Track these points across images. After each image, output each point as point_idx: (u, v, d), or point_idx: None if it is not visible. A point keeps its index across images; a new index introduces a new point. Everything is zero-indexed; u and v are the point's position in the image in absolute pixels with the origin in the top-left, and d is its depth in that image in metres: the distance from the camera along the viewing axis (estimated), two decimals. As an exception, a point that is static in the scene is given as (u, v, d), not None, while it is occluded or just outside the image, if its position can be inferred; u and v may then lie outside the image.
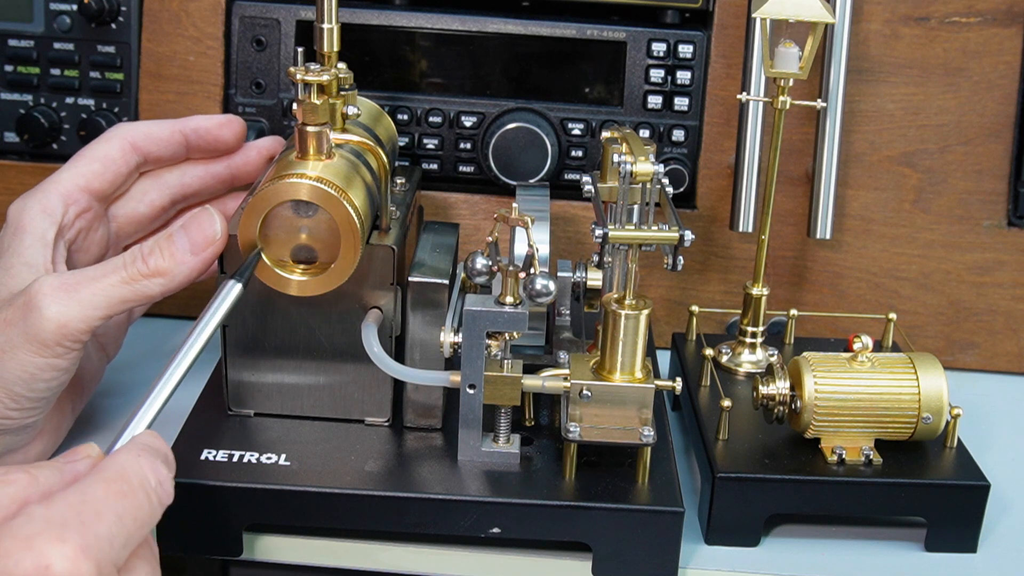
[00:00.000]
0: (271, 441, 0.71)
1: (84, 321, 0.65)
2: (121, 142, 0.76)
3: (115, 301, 0.66)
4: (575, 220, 0.92)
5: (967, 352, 0.93)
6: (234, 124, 0.80)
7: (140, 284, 0.66)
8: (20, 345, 0.64)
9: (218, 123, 0.79)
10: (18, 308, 0.65)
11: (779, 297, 0.92)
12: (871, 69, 0.88)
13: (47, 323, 0.64)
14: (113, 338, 0.79)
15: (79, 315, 0.65)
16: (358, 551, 0.69)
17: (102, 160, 0.75)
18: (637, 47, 0.89)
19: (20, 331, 0.64)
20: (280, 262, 0.68)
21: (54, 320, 0.64)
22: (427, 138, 0.91)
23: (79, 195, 0.73)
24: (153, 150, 0.77)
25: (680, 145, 0.91)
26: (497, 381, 0.68)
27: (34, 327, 0.64)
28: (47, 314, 0.64)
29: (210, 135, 0.79)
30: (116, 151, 0.75)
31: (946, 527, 0.71)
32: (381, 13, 0.90)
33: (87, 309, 0.65)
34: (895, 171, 0.90)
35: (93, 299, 0.65)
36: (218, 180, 0.81)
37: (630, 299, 0.68)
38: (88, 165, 0.74)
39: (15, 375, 0.65)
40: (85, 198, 0.73)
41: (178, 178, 0.80)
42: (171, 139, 0.78)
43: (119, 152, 0.75)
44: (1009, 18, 0.88)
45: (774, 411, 0.72)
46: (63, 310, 0.64)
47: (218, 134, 0.79)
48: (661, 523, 0.66)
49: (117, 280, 0.66)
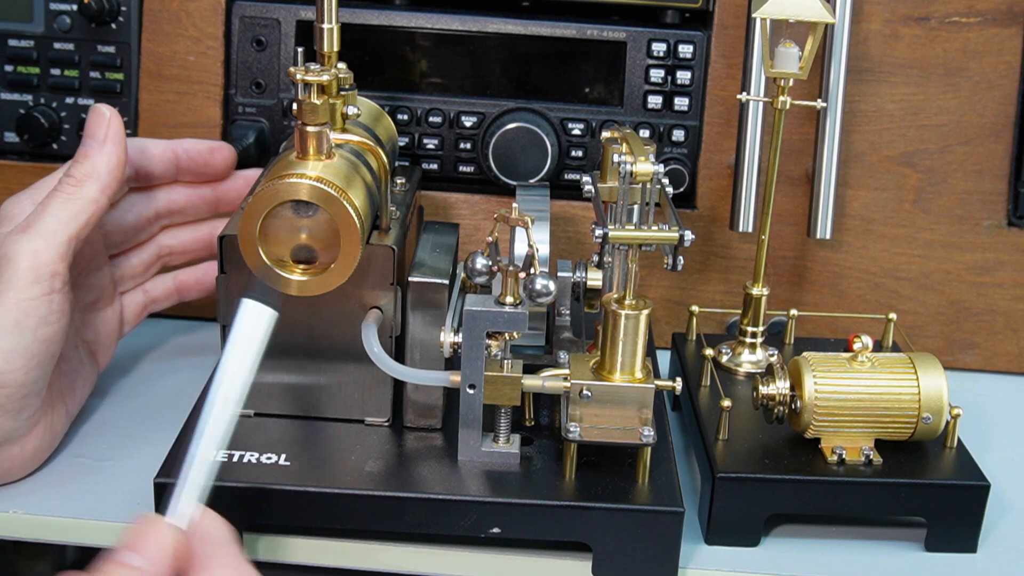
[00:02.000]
0: (271, 441, 0.71)
1: (52, 247, 0.68)
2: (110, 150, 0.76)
3: (68, 220, 0.69)
4: (575, 220, 0.92)
5: (967, 352, 0.93)
6: (224, 151, 0.83)
7: (78, 194, 0.70)
8: (3, 294, 0.67)
9: (209, 148, 0.82)
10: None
11: (779, 297, 0.92)
12: (871, 69, 0.88)
13: (20, 261, 0.67)
14: (104, 346, 0.80)
15: (44, 243, 0.68)
16: (358, 551, 0.69)
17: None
18: (637, 47, 0.89)
19: (2, 284, 0.67)
20: (280, 262, 0.68)
21: (26, 258, 0.67)
22: (427, 138, 0.91)
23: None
24: (145, 165, 0.80)
25: (680, 145, 0.91)
26: (497, 381, 0.68)
27: (10, 273, 0.67)
28: (19, 256, 0.67)
29: (201, 158, 0.82)
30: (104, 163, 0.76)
31: (946, 527, 0.71)
32: (381, 13, 0.90)
33: (49, 236, 0.68)
34: (895, 171, 0.90)
35: (49, 225, 0.69)
36: (204, 201, 0.84)
37: (630, 299, 0.68)
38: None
39: (3, 326, 0.66)
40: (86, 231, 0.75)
41: (166, 194, 0.82)
42: (163, 156, 0.80)
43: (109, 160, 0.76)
44: (1009, 18, 0.88)
45: (774, 411, 0.72)
46: (29, 245, 0.68)
47: (208, 159, 0.82)
48: (661, 523, 0.66)
49: (59, 203, 0.70)
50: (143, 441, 0.77)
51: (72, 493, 0.72)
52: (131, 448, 0.76)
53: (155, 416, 0.80)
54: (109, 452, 0.76)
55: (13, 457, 0.70)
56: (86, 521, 0.70)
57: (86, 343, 0.78)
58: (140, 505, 0.70)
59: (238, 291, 0.70)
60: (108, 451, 0.76)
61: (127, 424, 0.79)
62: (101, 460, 0.75)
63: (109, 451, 0.76)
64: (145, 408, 0.82)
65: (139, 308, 0.83)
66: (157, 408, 0.81)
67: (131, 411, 0.81)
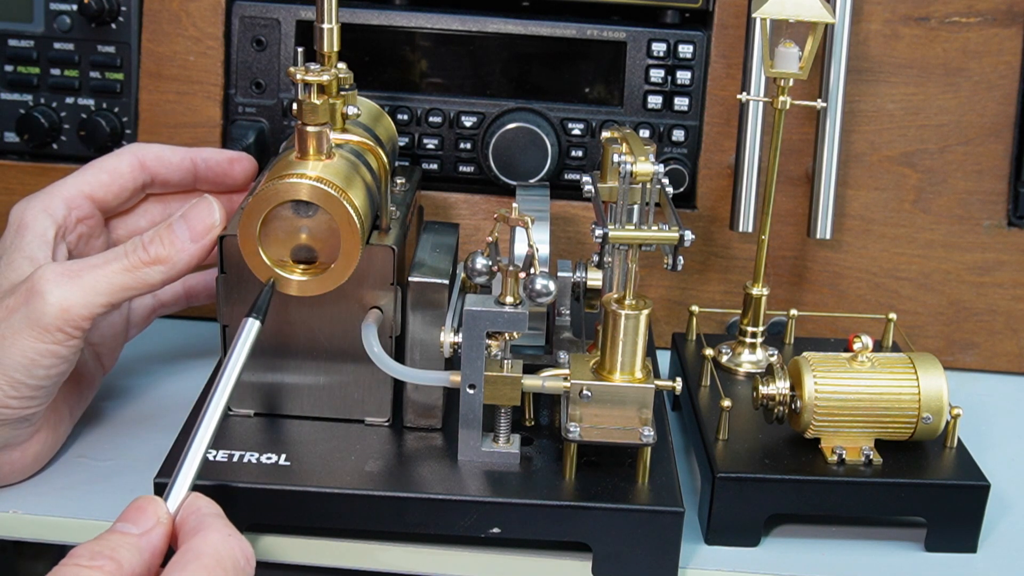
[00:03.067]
0: (271, 441, 0.71)
1: (86, 307, 0.66)
2: (132, 158, 0.77)
3: (116, 288, 0.67)
4: (575, 220, 0.92)
5: (967, 352, 0.93)
6: (244, 162, 0.81)
7: (141, 272, 0.68)
8: (22, 331, 0.65)
9: (229, 159, 0.80)
10: (21, 295, 0.66)
11: (779, 297, 0.92)
12: (871, 69, 0.88)
13: (49, 308, 0.65)
14: (110, 349, 0.79)
15: (81, 300, 0.66)
16: (358, 551, 0.69)
17: (110, 172, 0.76)
18: (637, 47, 0.89)
19: (22, 316, 0.65)
20: (280, 262, 0.68)
21: (56, 305, 0.65)
22: (427, 138, 0.91)
23: (82, 201, 0.74)
24: (162, 172, 0.78)
25: (680, 145, 0.91)
26: (497, 381, 0.68)
27: (36, 312, 0.65)
28: (50, 299, 0.65)
29: (220, 168, 0.80)
30: (125, 166, 0.76)
31: (946, 527, 0.71)
32: (381, 13, 0.90)
33: (89, 295, 0.66)
34: (895, 171, 0.90)
35: (96, 285, 0.67)
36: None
37: (630, 299, 0.68)
38: (96, 175, 0.75)
39: (16, 361, 0.65)
40: (88, 205, 0.75)
41: (180, 204, 0.80)
42: (181, 164, 0.79)
43: (128, 168, 0.76)
44: (1009, 18, 0.88)
45: (774, 411, 0.72)
46: (66, 295, 0.66)
47: (228, 169, 0.80)
48: (661, 523, 0.66)
49: (119, 268, 0.68)
50: (143, 441, 0.77)
51: (72, 493, 0.72)
52: (131, 448, 0.77)
53: (155, 416, 0.80)
54: (109, 452, 0.76)
55: (14, 461, 0.70)
56: (86, 521, 0.70)
57: (92, 346, 0.78)
58: (140, 505, 0.70)
59: (238, 291, 0.71)
60: (108, 451, 0.76)
61: (127, 424, 0.79)
62: (101, 460, 0.75)
63: (109, 451, 0.76)
64: (145, 408, 0.82)
65: (147, 312, 0.82)
66: (157, 408, 0.81)
67: (131, 411, 0.81)
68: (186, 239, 0.69)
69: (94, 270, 0.67)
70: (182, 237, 0.69)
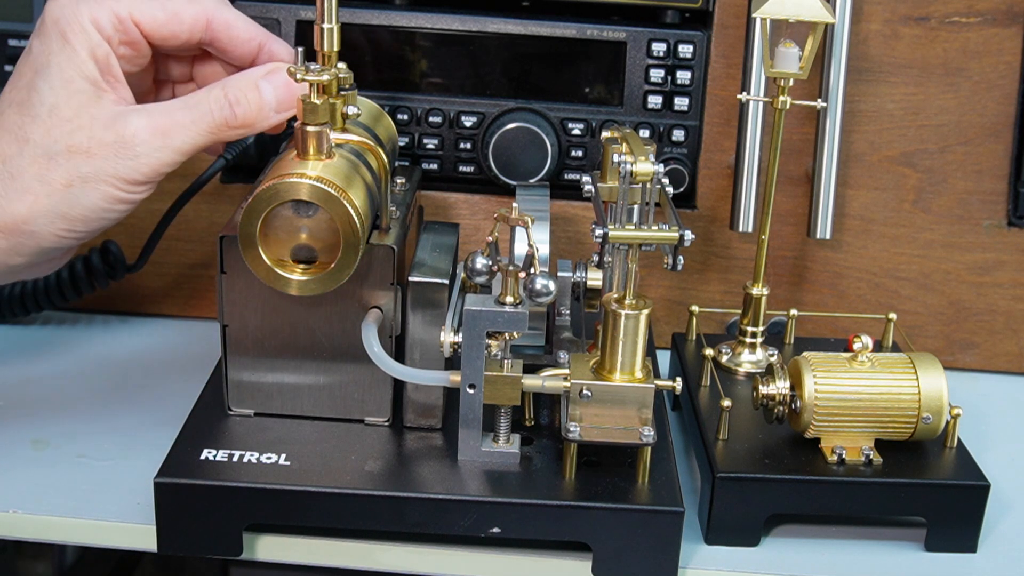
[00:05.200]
0: (271, 441, 0.71)
1: (172, 165, 0.67)
2: (200, 13, 0.71)
3: (199, 146, 0.68)
4: (575, 220, 0.92)
5: (967, 352, 0.93)
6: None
7: (223, 133, 0.68)
8: (106, 180, 0.65)
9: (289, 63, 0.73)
10: (107, 145, 0.65)
11: (779, 297, 0.92)
12: (871, 69, 0.88)
13: (140, 166, 0.66)
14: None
15: (169, 160, 0.67)
16: (358, 551, 0.69)
17: (169, 14, 0.70)
18: (637, 47, 0.89)
19: (110, 167, 0.65)
20: (280, 262, 0.68)
21: (148, 165, 0.66)
22: (427, 138, 0.91)
23: (131, 27, 0.69)
24: (223, 40, 0.73)
25: (680, 145, 0.91)
26: (497, 381, 0.68)
27: (124, 168, 0.65)
28: (142, 159, 0.66)
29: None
30: (189, 17, 0.71)
31: (946, 527, 0.71)
32: (381, 13, 0.90)
33: (177, 155, 0.67)
34: (895, 171, 0.90)
35: (183, 146, 0.67)
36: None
37: (630, 299, 0.68)
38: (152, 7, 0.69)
39: (92, 204, 0.66)
40: (135, 33, 0.69)
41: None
42: (247, 44, 0.73)
43: (191, 20, 0.71)
44: (1009, 18, 0.88)
45: (774, 411, 0.72)
46: (159, 156, 0.66)
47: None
48: (661, 523, 0.66)
49: (205, 128, 0.67)
50: (143, 441, 0.77)
51: (72, 493, 0.72)
52: (131, 448, 0.77)
53: (155, 416, 0.80)
54: (109, 452, 0.76)
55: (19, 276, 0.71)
56: (86, 521, 0.70)
57: None
58: (140, 505, 0.70)
59: (238, 291, 0.71)
60: (108, 451, 0.76)
61: (127, 424, 0.79)
62: (101, 460, 0.75)
63: (109, 451, 0.76)
64: (145, 408, 0.82)
65: None
66: (157, 408, 0.81)
67: (131, 411, 0.81)
68: (272, 107, 0.68)
69: (184, 130, 0.66)
70: (269, 103, 0.68)
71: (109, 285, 0.90)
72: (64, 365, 0.87)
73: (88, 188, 0.65)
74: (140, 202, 0.68)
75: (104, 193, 0.66)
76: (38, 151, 0.65)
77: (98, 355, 0.89)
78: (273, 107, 0.68)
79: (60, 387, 0.84)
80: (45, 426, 0.79)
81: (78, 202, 0.66)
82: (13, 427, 0.78)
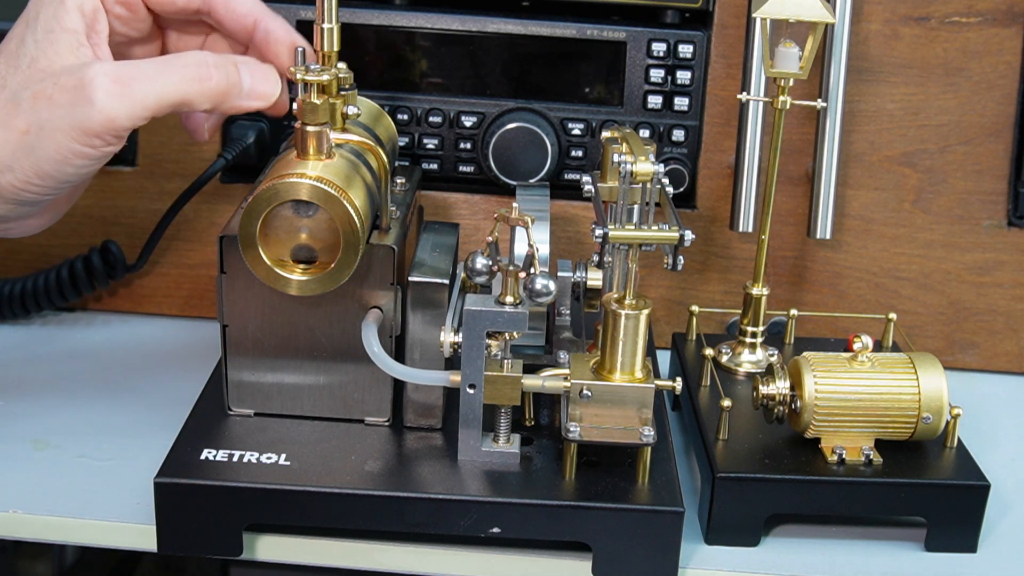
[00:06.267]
0: (271, 441, 0.71)
1: (130, 119, 0.64)
2: None
3: (165, 102, 0.65)
4: (575, 220, 0.92)
5: (967, 352, 0.93)
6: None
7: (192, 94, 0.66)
8: (62, 129, 0.64)
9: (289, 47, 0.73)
10: (67, 90, 0.64)
11: (779, 297, 0.92)
12: (871, 69, 0.88)
13: (96, 115, 0.63)
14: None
15: (128, 112, 0.64)
16: (358, 551, 0.69)
17: None
18: (637, 47, 0.89)
19: (67, 115, 0.64)
20: (280, 262, 0.68)
21: (103, 113, 0.63)
22: (427, 138, 0.91)
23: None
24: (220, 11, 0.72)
25: (680, 145, 0.91)
26: (497, 381, 0.68)
27: (80, 115, 0.64)
28: (97, 106, 0.63)
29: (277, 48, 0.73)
30: None
31: (946, 527, 0.71)
32: (381, 13, 0.90)
33: (137, 108, 0.64)
34: (895, 171, 0.90)
35: (145, 99, 0.64)
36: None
37: (630, 299, 0.68)
38: None
39: (49, 154, 0.64)
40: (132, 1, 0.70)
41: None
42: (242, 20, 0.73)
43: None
44: (1009, 18, 0.88)
45: (774, 411, 0.72)
46: (115, 105, 0.64)
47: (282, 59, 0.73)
48: (661, 523, 0.66)
49: (173, 81, 0.65)
50: (143, 441, 0.77)
51: (72, 493, 0.72)
52: (131, 448, 0.77)
53: (155, 416, 0.80)
54: (109, 452, 0.76)
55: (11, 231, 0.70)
56: (86, 521, 0.70)
57: None
58: (140, 505, 0.70)
59: (238, 291, 0.71)
60: (108, 451, 0.76)
61: (127, 424, 0.80)
62: (101, 460, 0.75)
63: (109, 451, 0.76)
64: (145, 408, 0.82)
65: None
66: (157, 408, 0.81)
67: (131, 411, 0.81)
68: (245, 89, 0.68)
69: (147, 81, 0.64)
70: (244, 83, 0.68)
71: (109, 285, 0.90)
72: (64, 365, 0.87)
73: (44, 136, 0.64)
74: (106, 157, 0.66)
75: (59, 144, 0.64)
76: (9, 96, 0.65)
77: (98, 355, 0.89)
78: (245, 90, 0.67)
79: (60, 387, 0.84)
80: (45, 426, 0.79)
81: (35, 151, 0.64)
82: (13, 427, 0.78)
